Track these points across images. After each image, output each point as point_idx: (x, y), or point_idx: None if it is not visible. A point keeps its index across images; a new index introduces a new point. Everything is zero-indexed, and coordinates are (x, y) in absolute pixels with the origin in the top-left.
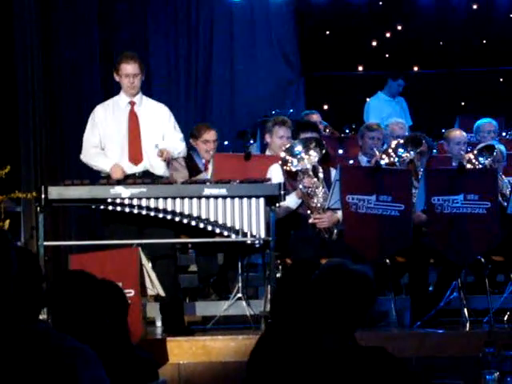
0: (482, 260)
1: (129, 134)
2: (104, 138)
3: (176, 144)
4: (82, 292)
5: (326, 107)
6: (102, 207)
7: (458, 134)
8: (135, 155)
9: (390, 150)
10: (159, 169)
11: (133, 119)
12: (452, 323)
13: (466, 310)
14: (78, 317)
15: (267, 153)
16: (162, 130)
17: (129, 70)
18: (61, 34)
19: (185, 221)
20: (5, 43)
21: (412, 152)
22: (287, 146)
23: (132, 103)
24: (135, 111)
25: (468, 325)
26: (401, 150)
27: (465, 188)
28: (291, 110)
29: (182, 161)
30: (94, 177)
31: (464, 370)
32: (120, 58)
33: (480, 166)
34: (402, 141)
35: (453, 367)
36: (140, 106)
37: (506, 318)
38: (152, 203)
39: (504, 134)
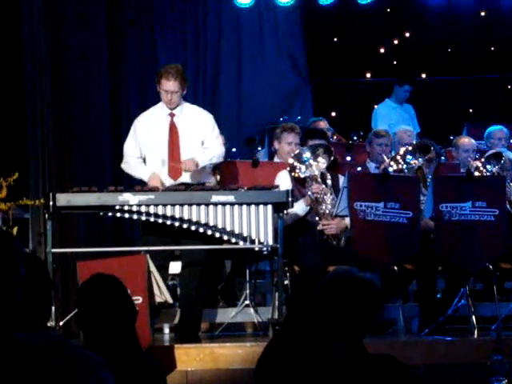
0: (490, 267)
1: (169, 148)
2: (145, 149)
3: (210, 152)
4: (113, 297)
5: (333, 114)
6: (110, 214)
7: (466, 141)
8: (175, 170)
9: (399, 157)
10: (198, 179)
11: (173, 132)
12: (460, 330)
13: (474, 317)
14: (101, 321)
15: (275, 159)
16: (201, 138)
17: (168, 87)
18: (70, 48)
19: (193, 228)
20: (13, 53)
21: (420, 159)
22: (296, 152)
23: (172, 115)
24: (175, 123)
25: (476, 332)
26: (409, 157)
27: (473, 195)
28: (299, 117)
29: (209, 171)
30: (102, 184)
31: (472, 377)
32: (162, 72)
33: (488, 173)
34: (410, 148)
35: (461, 375)
36: (180, 117)
37: None
38: (160, 210)
39: None
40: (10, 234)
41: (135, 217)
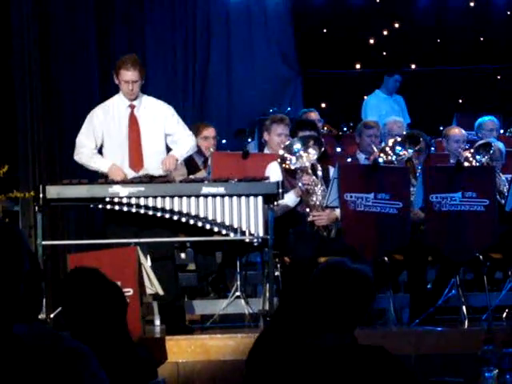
0: (481, 257)
1: (129, 140)
2: (103, 141)
3: (184, 144)
4: (95, 289)
5: (323, 105)
6: (100, 206)
7: (457, 131)
8: (136, 162)
9: (388, 148)
10: (159, 171)
11: (133, 124)
12: (450, 321)
13: (464, 307)
14: (84, 314)
15: (266, 151)
16: (163, 130)
17: (128, 77)
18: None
19: (183, 219)
20: (1, 45)
21: (410, 150)
22: (286, 143)
23: (132, 106)
24: (135, 115)
25: (466, 322)
26: (398, 148)
27: (463, 186)
28: (289, 109)
29: (184, 169)
30: (92, 176)
31: (463, 367)
32: (120, 63)
33: (477, 164)
34: (399, 139)
35: (452, 365)
36: (140, 108)
37: (504, 316)
38: (150, 202)
39: (502, 131)
40: (16, 229)
41: (125, 209)
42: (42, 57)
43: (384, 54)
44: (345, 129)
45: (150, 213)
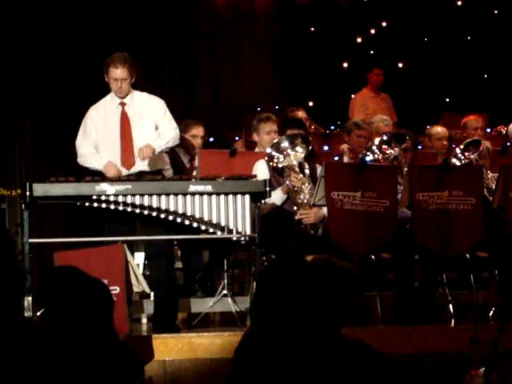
0: (467, 256)
1: (121, 138)
2: (98, 141)
3: (164, 135)
4: (74, 288)
5: (310, 104)
6: (87, 204)
7: (439, 129)
8: (127, 160)
9: (374, 147)
10: (154, 167)
11: (124, 122)
12: (437, 319)
13: (451, 306)
14: (67, 313)
15: (256, 150)
16: (153, 123)
17: (117, 75)
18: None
19: (170, 218)
20: None
21: (396, 148)
22: (274, 142)
23: (123, 104)
24: (126, 112)
25: (453, 321)
26: (385, 147)
27: (450, 184)
28: (276, 107)
29: (167, 158)
30: (80, 174)
31: (449, 365)
32: (109, 61)
33: (466, 161)
34: (385, 137)
35: (438, 363)
36: (131, 105)
37: (491, 314)
38: (137, 200)
39: (489, 130)
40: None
41: (112, 207)
42: (28, 52)
43: (371, 52)
44: (332, 127)
45: (137, 211)
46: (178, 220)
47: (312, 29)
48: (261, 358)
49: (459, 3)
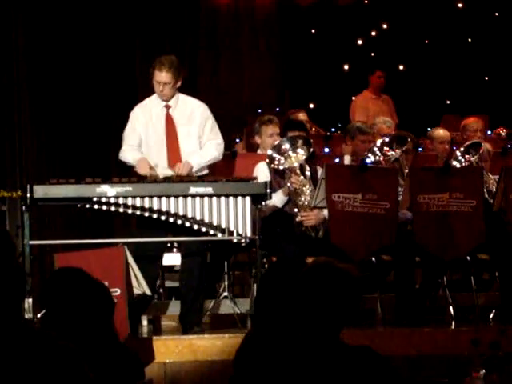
0: (468, 258)
1: (167, 140)
2: (143, 139)
3: (206, 153)
4: (79, 289)
5: (311, 106)
6: (87, 206)
7: (441, 132)
8: (175, 162)
9: (376, 149)
10: (198, 171)
11: (169, 124)
12: (438, 321)
13: (451, 308)
14: (69, 314)
15: (259, 152)
16: (198, 131)
17: (160, 78)
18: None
19: (171, 220)
20: None
21: (397, 150)
22: (275, 144)
23: (167, 107)
24: (171, 115)
25: (454, 323)
26: (386, 149)
27: (450, 186)
28: (277, 109)
29: None
30: (80, 176)
31: (450, 367)
32: (155, 63)
33: (466, 163)
34: (387, 139)
35: (439, 365)
36: (175, 108)
37: (491, 316)
38: (138, 202)
39: (489, 132)
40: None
41: (113, 209)
42: (29, 57)
43: (372, 54)
44: (333, 129)
45: (138, 213)
46: (179, 222)
47: (313, 31)
48: (262, 358)
49: (460, 5)
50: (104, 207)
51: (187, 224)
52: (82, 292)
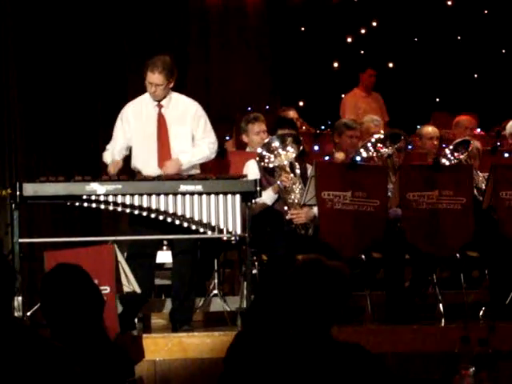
0: (458, 255)
1: (157, 140)
2: (133, 140)
3: (198, 151)
4: (76, 287)
5: (301, 104)
6: (77, 204)
7: (430, 129)
8: (164, 161)
9: (369, 145)
10: (189, 170)
11: (161, 124)
12: (427, 319)
13: (441, 305)
14: (62, 312)
15: (247, 150)
16: (191, 130)
17: (152, 80)
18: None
19: (160, 217)
20: None
21: (390, 148)
22: (264, 142)
23: (159, 106)
24: (163, 114)
25: (443, 320)
26: (379, 145)
27: (440, 184)
28: (267, 107)
29: None
30: (70, 174)
31: (440, 365)
32: (148, 63)
33: (456, 161)
34: (382, 136)
35: (428, 363)
36: (168, 108)
37: (481, 314)
38: (127, 200)
39: (479, 130)
40: None
41: (103, 207)
42: (18, 52)
43: (362, 52)
44: (322, 127)
45: (128, 211)
46: (169, 220)
47: (302, 28)
48: (253, 355)
49: (449, 3)
50: (94, 205)
51: (177, 222)
52: (80, 289)
